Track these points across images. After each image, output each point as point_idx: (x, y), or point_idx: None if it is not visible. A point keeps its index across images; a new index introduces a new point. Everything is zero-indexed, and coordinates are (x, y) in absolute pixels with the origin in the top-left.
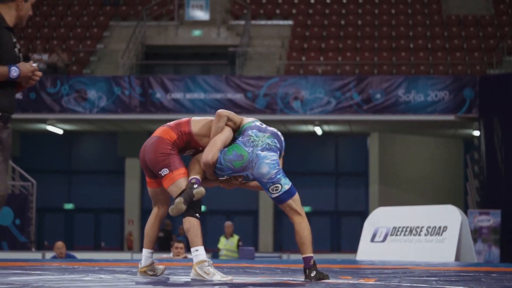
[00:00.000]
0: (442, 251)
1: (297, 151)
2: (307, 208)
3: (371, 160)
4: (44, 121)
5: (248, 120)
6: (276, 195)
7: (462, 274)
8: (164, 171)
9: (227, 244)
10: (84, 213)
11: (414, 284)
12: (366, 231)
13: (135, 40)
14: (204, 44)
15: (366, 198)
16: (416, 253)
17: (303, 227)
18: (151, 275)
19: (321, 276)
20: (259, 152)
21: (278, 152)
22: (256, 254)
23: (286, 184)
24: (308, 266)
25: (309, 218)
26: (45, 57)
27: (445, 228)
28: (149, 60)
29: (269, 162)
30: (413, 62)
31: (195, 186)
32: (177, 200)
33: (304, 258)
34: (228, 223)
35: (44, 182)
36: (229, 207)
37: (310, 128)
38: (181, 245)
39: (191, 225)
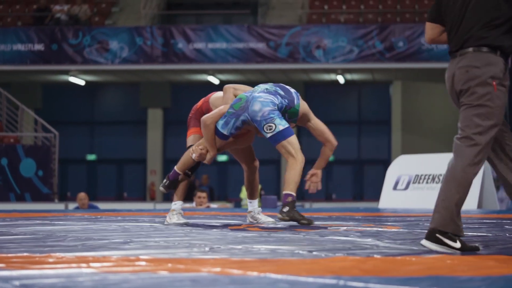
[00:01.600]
0: None
1: (319, 100)
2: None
3: (393, 109)
4: (66, 72)
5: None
6: (270, 134)
7: (484, 221)
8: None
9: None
10: (106, 164)
11: None
12: (389, 179)
13: None
14: None
15: (389, 147)
16: None
17: (290, 167)
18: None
19: (295, 216)
20: (255, 94)
21: (279, 97)
22: (279, 203)
23: (280, 124)
24: (284, 202)
25: (331, 167)
26: (66, 8)
27: None
28: (171, 10)
29: (262, 100)
30: None
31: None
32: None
33: (283, 195)
34: None
35: (67, 134)
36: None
37: (332, 76)
38: (204, 194)
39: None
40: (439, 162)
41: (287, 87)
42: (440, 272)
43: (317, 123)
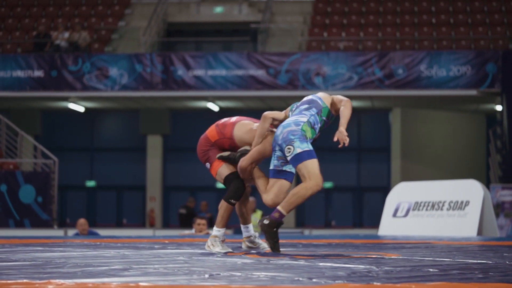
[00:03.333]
0: (464, 225)
1: None
2: (329, 184)
3: (393, 136)
4: (66, 99)
5: (287, 111)
6: (289, 157)
7: (484, 248)
8: (207, 165)
9: (254, 220)
10: (106, 191)
11: (437, 258)
12: (388, 206)
13: (157, 17)
14: (225, 20)
15: (388, 174)
16: (438, 228)
17: (297, 187)
18: (249, 247)
19: (269, 235)
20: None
21: (305, 111)
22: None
23: (299, 147)
24: (271, 215)
25: (331, 194)
26: (66, 35)
27: (467, 202)
28: (171, 37)
29: (285, 123)
30: (435, 37)
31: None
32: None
33: (275, 209)
34: (251, 199)
35: (66, 160)
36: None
37: None
38: (203, 221)
39: (222, 208)
40: (438, 190)
41: (305, 98)
42: None
43: (337, 97)
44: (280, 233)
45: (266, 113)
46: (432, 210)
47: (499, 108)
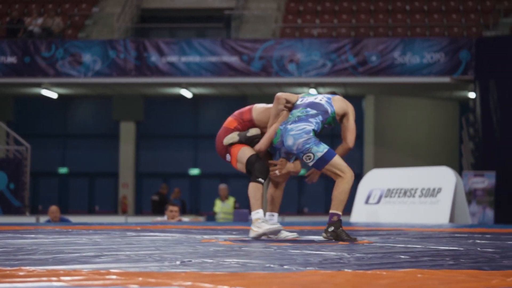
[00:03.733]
0: (436, 212)
1: None
2: (303, 171)
3: (366, 122)
4: (38, 85)
5: (299, 97)
6: (312, 163)
7: (456, 235)
8: (228, 157)
9: (223, 207)
10: (78, 177)
11: (409, 245)
12: (361, 193)
13: (131, 4)
14: (199, 7)
15: (361, 160)
16: (410, 215)
17: (337, 186)
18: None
19: (341, 236)
20: (288, 126)
21: (311, 119)
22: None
23: (318, 152)
24: (329, 221)
25: (304, 181)
26: (39, 20)
27: (440, 189)
28: (145, 24)
29: (294, 133)
30: (409, 24)
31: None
32: (233, 133)
33: (330, 214)
34: (222, 186)
35: (39, 146)
36: (224, 170)
37: (305, 90)
38: (175, 208)
39: (252, 190)
40: (411, 176)
41: (317, 100)
42: (411, 286)
43: (349, 123)
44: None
45: (279, 94)
46: (404, 197)
47: (472, 95)
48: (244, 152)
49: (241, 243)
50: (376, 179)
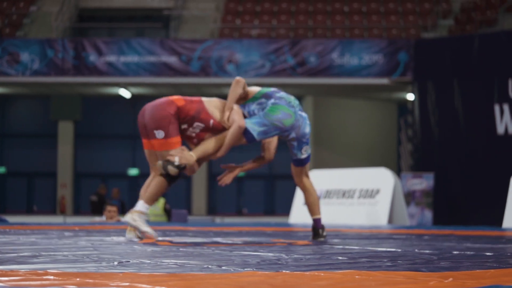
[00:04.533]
0: (374, 214)
1: None
2: (242, 173)
3: None
4: None
5: (262, 87)
6: (305, 155)
7: (394, 236)
8: (160, 133)
9: (153, 209)
10: (16, 177)
11: (347, 246)
12: (300, 194)
13: (69, 3)
14: (138, 7)
15: None
16: (349, 216)
17: (310, 192)
18: (138, 236)
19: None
20: (300, 112)
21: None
22: (189, 217)
23: (309, 149)
24: (319, 226)
25: (243, 182)
26: None
27: (378, 191)
28: (83, 23)
29: (308, 123)
30: (347, 26)
31: (175, 163)
32: (159, 163)
33: (316, 220)
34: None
35: None
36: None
37: None
38: (114, 208)
39: (155, 183)
40: (350, 178)
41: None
42: None
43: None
44: (191, 220)
45: (239, 77)
46: (343, 198)
47: (410, 97)
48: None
49: (179, 244)
50: (315, 180)
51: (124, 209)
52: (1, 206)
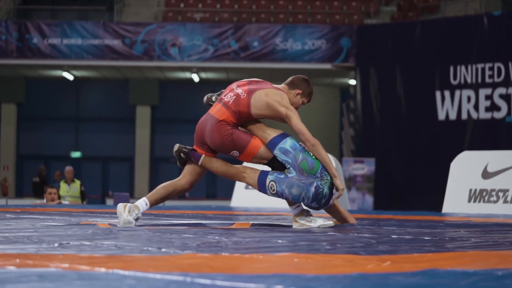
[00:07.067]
0: None
1: (174, 98)
2: None
3: None
4: None
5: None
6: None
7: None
8: (235, 153)
9: (70, 190)
10: None
11: (287, 230)
12: None
13: None
14: None
15: None
16: None
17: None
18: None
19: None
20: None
21: None
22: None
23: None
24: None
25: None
26: None
27: None
28: (27, 5)
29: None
30: (291, 11)
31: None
32: (176, 146)
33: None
34: (68, 168)
35: None
36: (105, 153)
37: (187, 75)
38: (54, 190)
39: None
40: None
41: None
42: (287, 270)
43: None
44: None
45: (314, 141)
46: None
47: (352, 82)
48: (264, 149)
49: (119, 227)
50: (257, 165)
51: None
52: None
